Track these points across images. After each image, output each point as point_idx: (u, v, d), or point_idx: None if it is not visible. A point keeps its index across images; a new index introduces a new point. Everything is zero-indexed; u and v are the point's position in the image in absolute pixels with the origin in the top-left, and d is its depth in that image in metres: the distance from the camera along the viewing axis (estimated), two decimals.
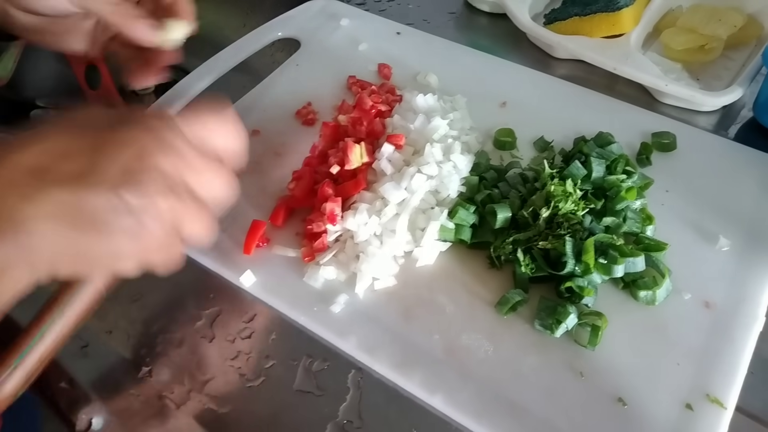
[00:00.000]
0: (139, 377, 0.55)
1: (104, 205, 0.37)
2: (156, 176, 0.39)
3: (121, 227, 0.38)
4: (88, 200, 0.37)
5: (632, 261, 0.56)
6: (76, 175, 0.37)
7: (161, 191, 0.39)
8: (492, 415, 0.51)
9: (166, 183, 0.40)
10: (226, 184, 0.44)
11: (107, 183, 0.38)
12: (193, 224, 0.42)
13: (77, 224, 0.37)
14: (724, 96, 0.72)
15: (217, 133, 0.45)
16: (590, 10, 0.78)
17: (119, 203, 0.38)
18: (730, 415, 0.50)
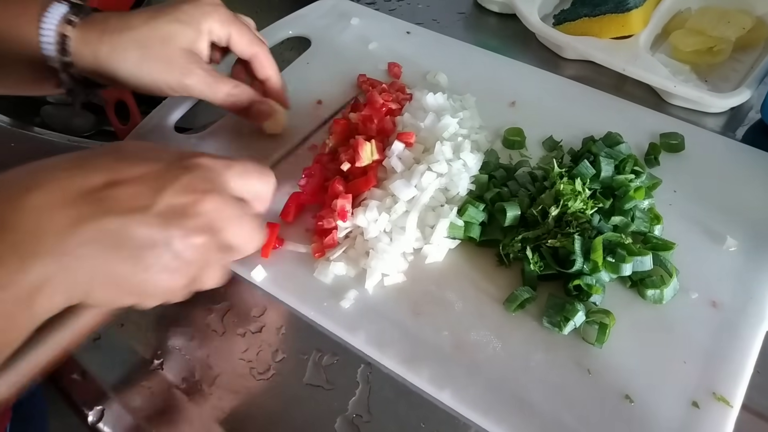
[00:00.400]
0: (151, 369, 0.56)
1: (148, 237, 0.39)
2: (203, 220, 0.41)
3: (159, 262, 0.40)
4: (135, 230, 0.39)
5: (640, 260, 0.56)
6: (127, 206, 0.39)
7: (203, 234, 0.41)
8: (500, 410, 0.51)
9: (209, 226, 0.42)
10: (256, 235, 0.46)
11: (157, 219, 0.39)
12: (217, 269, 0.45)
13: (119, 254, 0.38)
14: (733, 98, 0.73)
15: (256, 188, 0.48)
16: (600, 11, 0.79)
17: (163, 240, 0.40)
18: (737, 413, 0.50)
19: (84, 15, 0.59)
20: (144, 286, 0.40)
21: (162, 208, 0.40)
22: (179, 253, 0.41)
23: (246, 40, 0.64)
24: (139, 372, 0.56)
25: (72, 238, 0.37)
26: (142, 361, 0.57)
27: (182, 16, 0.60)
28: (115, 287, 0.39)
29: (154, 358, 0.57)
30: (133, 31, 0.59)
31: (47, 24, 0.57)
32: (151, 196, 0.40)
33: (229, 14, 0.63)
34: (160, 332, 0.58)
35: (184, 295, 0.44)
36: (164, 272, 0.40)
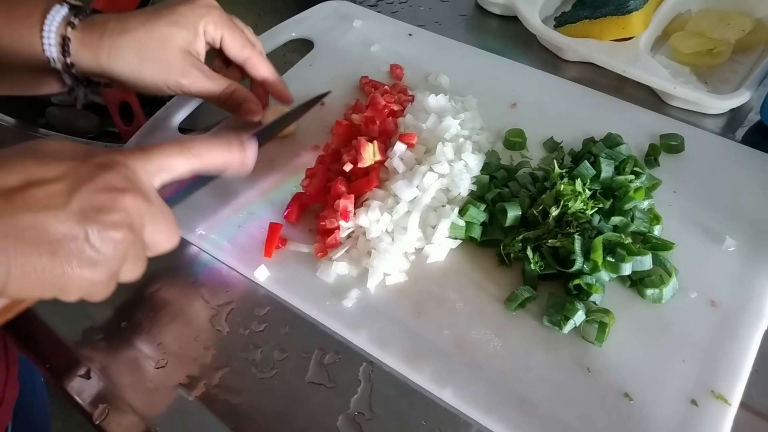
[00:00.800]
0: (155, 368, 0.57)
1: (67, 232, 0.40)
2: (121, 216, 0.42)
3: (79, 255, 0.40)
4: (53, 226, 0.39)
5: (639, 260, 0.57)
6: (45, 203, 0.40)
7: (121, 228, 0.42)
8: (500, 408, 0.52)
9: (128, 222, 0.43)
10: (174, 232, 0.48)
11: (76, 215, 0.40)
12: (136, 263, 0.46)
13: (38, 247, 0.39)
14: (732, 99, 0.73)
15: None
16: (600, 13, 0.79)
17: (81, 233, 0.40)
18: (735, 411, 0.50)
19: (83, 16, 0.60)
20: (64, 279, 0.40)
21: (79, 204, 0.41)
22: (98, 246, 0.41)
23: (238, 44, 0.65)
24: (144, 371, 0.57)
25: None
26: (146, 359, 0.57)
27: (179, 19, 0.61)
28: (33, 281, 0.40)
29: (158, 357, 0.57)
30: (131, 34, 0.60)
31: (49, 27, 0.59)
32: (68, 194, 0.40)
33: (224, 16, 0.64)
34: (164, 332, 0.59)
35: (106, 291, 0.44)
36: (84, 266, 0.41)
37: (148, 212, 0.45)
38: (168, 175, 0.47)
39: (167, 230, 0.47)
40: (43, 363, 0.59)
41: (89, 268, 0.41)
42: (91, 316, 0.60)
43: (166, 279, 0.63)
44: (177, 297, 0.61)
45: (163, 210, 0.46)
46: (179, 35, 0.61)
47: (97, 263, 0.42)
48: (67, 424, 1.68)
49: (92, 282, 0.42)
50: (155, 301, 0.61)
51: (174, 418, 0.54)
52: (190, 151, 0.48)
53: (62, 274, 0.40)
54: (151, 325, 0.59)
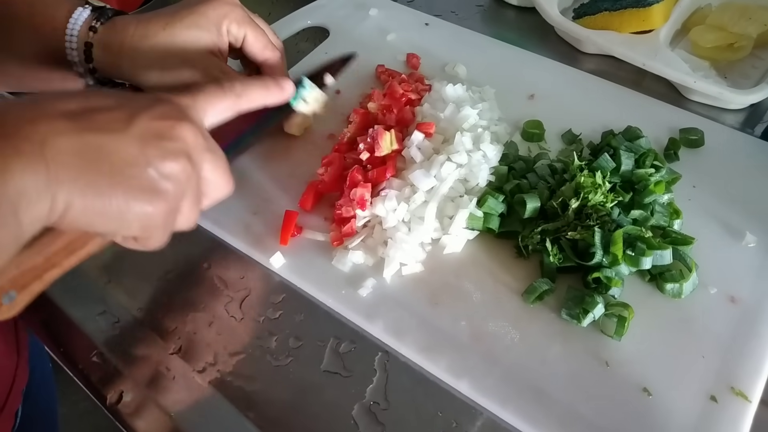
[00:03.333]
0: (170, 354, 0.56)
1: (128, 156, 0.40)
2: (181, 144, 0.42)
3: (139, 181, 0.40)
4: (115, 148, 0.39)
5: (660, 254, 0.56)
6: (108, 126, 0.40)
7: (181, 158, 0.42)
8: (517, 401, 0.51)
9: (186, 151, 0.42)
10: (228, 176, 0.47)
11: (136, 139, 0.40)
12: (193, 204, 0.45)
13: (99, 168, 0.39)
14: (752, 94, 0.72)
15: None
16: (620, 5, 0.78)
17: (143, 159, 0.40)
18: (755, 408, 0.50)
19: (105, 20, 0.59)
20: (123, 207, 0.40)
21: (139, 129, 0.41)
22: (158, 173, 0.41)
23: (260, 44, 0.63)
24: (158, 355, 0.56)
25: (51, 147, 0.37)
26: (161, 344, 0.57)
27: (200, 20, 0.59)
28: (94, 203, 0.39)
29: (173, 342, 0.57)
30: (152, 40, 0.58)
31: (71, 32, 0.58)
32: (128, 119, 0.41)
33: (245, 15, 0.62)
34: (179, 317, 0.59)
35: (163, 233, 0.43)
36: (143, 192, 0.40)
37: (205, 146, 0.44)
38: (214, 116, 0.48)
39: (224, 171, 0.46)
40: (57, 347, 0.58)
41: (149, 197, 0.40)
42: (106, 301, 0.60)
43: (180, 265, 0.62)
44: (191, 283, 0.61)
45: (218, 148, 0.46)
46: (201, 38, 0.59)
47: (157, 193, 0.41)
48: (72, 410, 1.70)
49: (150, 214, 0.41)
50: (169, 287, 0.61)
51: (189, 404, 0.54)
52: (232, 90, 0.49)
53: (122, 201, 0.39)
54: (166, 311, 0.59)
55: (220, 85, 0.49)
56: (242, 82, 0.50)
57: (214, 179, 0.46)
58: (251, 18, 0.62)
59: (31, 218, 0.37)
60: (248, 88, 0.50)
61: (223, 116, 0.49)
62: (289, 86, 0.55)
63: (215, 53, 0.61)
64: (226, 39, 0.61)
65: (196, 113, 0.46)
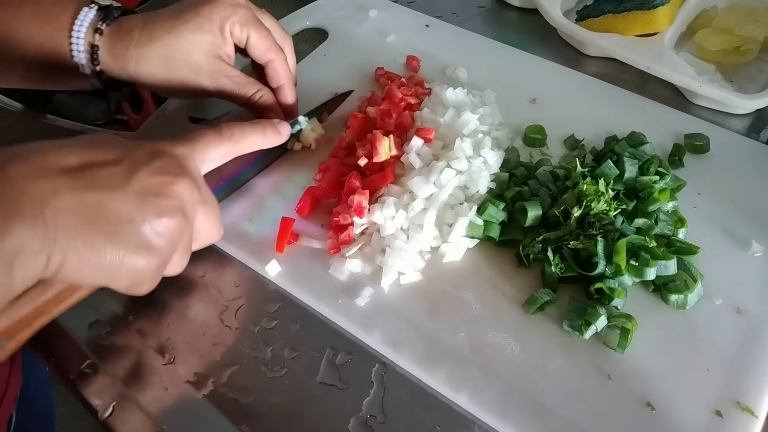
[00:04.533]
0: (163, 365, 0.55)
1: (125, 213, 0.41)
2: (176, 202, 0.44)
3: (134, 239, 0.41)
4: (113, 206, 0.41)
5: (664, 264, 0.55)
6: (106, 183, 0.41)
7: (176, 215, 0.44)
8: (517, 415, 0.50)
9: (182, 208, 0.44)
10: (220, 223, 0.50)
11: (134, 196, 0.42)
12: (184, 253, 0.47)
13: (97, 226, 0.40)
14: (760, 99, 0.71)
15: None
16: (625, 7, 0.77)
17: (139, 216, 0.41)
18: (762, 424, 0.49)
19: (111, 20, 0.58)
20: (116, 262, 0.41)
21: (137, 187, 0.42)
22: (153, 231, 0.42)
23: (263, 46, 0.62)
24: (151, 367, 0.55)
25: (50, 206, 0.38)
26: (154, 355, 0.56)
27: (203, 23, 0.59)
28: (88, 262, 0.40)
29: (166, 352, 0.56)
30: (158, 43, 0.58)
31: (77, 34, 0.58)
32: (126, 177, 0.42)
33: (250, 16, 0.61)
34: (173, 327, 0.57)
35: (153, 282, 0.45)
36: (137, 249, 0.41)
37: (200, 199, 0.46)
38: (211, 163, 0.50)
39: (216, 219, 0.49)
40: (48, 356, 0.57)
41: (142, 253, 0.41)
42: (98, 310, 0.59)
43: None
44: (185, 292, 0.60)
45: (211, 198, 0.48)
46: (205, 41, 0.59)
47: (151, 249, 0.42)
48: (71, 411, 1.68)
49: (142, 269, 0.42)
50: (163, 295, 0.60)
51: (181, 416, 0.52)
52: (230, 137, 0.51)
53: (116, 257, 0.40)
54: (159, 321, 0.58)
55: (218, 132, 0.50)
56: (240, 128, 0.52)
57: (205, 229, 0.48)
58: (256, 18, 0.61)
59: (25, 275, 0.38)
60: (245, 133, 0.52)
61: (220, 162, 0.51)
62: (285, 130, 0.58)
63: (220, 56, 0.60)
64: (230, 41, 0.61)
65: (194, 163, 0.48)
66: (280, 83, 0.65)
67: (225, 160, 0.51)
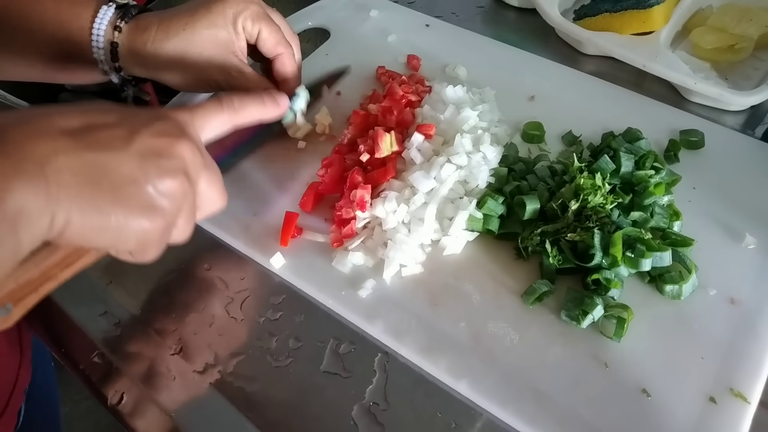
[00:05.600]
0: (171, 354, 0.57)
1: (128, 174, 0.41)
2: (178, 162, 0.43)
3: (138, 199, 0.41)
4: (115, 167, 0.40)
5: (659, 255, 0.56)
6: (107, 143, 0.41)
7: (179, 175, 0.43)
8: (516, 402, 0.52)
9: (184, 169, 0.44)
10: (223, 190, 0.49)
11: (136, 157, 0.41)
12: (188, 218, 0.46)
13: (99, 186, 0.39)
14: (753, 96, 0.72)
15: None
16: (621, 6, 0.79)
17: (142, 177, 0.41)
18: (754, 409, 0.50)
19: (129, 18, 0.60)
20: (121, 223, 0.41)
21: (139, 147, 0.42)
22: (156, 191, 0.42)
23: (273, 40, 0.64)
24: (159, 356, 0.57)
25: (52, 166, 0.38)
26: (162, 345, 0.57)
27: (216, 19, 0.60)
28: (93, 223, 0.40)
29: (174, 343, 0.57)
30: (173, 40, 0.60)
31: (97, 32, 0.60)
32: (128, 138, 0.42)
33: (260, 12, 0.63)
34: (179, 318, 0.59)
35: (158, 247, 0.44)
36: (141, 210, 0.41)
37: (202, 163, 0.45)
38: (211, 131, 0.50)
39: (219, 186, 0.48)
40: (58, 347, 0.59)
41: (146, 213, 0.41)
42: (107, 302, 0.60)
43: (180, 266, 0.63)
44: (192, 284, 0.61)
45: (213, 164, 0.47)
46: (219, 36, 0.61)
47: (155, 210, 0.42)
48: (74, 410, 1.71)
49: (147, 231, 0.42)
50: (170, 287, 0.61)
51: (189, 404, 0.54)
52: (230, 105, 0.51)
53: (121, 218, 0.40)
54: (166, 312, 0.59)
55: (218, 101, 0.50)
56: (239, 98, 0.52)
57: (209, 194, 0.47)
58: (267, 14, 0.63)
59: (30, 235, 0.37)
60: (245, 103, 0.52)
61: (220, 131, 0.51)
62: (284, 101, 0.57)
63: (234, 51, 0.62)
64: (243, 36, 0.62)
65: (194, 129, 0.47)
66: (287, 76, 0.66)
67: (224, 129, 0.51)
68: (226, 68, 0.61)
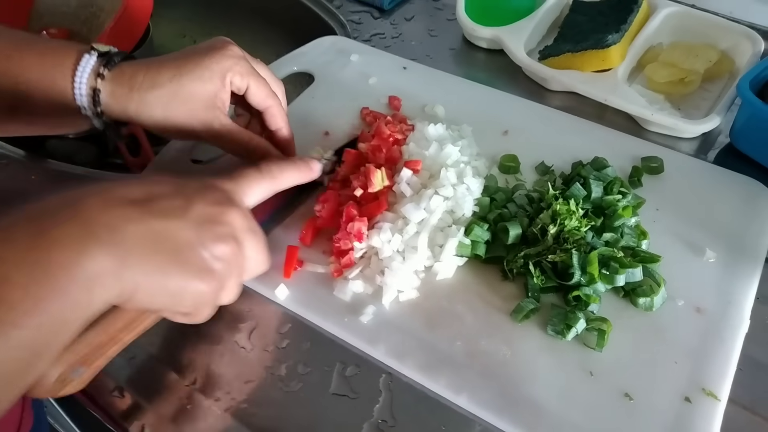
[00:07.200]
0: (186, 386, 0.60)
1: (186, 240, 0.45)
2: (229, 229, 0.48)
3: (195, 262, 0.45)
4: (175, 233, 0.44)
5: (631, 272, 0.62)
6: (169, 212, 0.45)
7: (230, 240, 0.48)
8: (512, 411, 0.56)
9: (234, 235, 0.48)
10: (267, 253, 0.53)
11: (193, 224, 0.46)
12: (237, 280, 0.50)
13: (163, 251, 0.43)
14: (704, 124, 0.80)
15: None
16: (581, 47, 0.86)
17: (198, 242, 0.45)
18: (724, 406, 0.56)
19: (112, 66, 0.62)
20: (181, 284, 0.44)
21: (195, 216, 0.46)
22: (211, 255, 0.46)
23: (262, 94, 0.66)
24: (176, 388, 0.60)
25: (122, 233, 0.42)
26: (177, 378, 0.60)
27: (204, 73, 0.62)
28: (159, 283, 0.43)
29: (188, 375, 0.60)
30: (159, 90, 0.61)
31: (80, 79, 0.61)
32: (185, 206, 0.46)
33: (249, 67, 0.65)
34: (192, 351, 0.62)
35: (211, 309, 0.49)
36: (198, 272, 0.45)
37: (249, 228, 0.49)
38: (255, 197, 0.54)
39: (263, 249, 0.52)
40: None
41: (202, 275, 0.45)
42: None
43: None
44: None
45: (258, 229, 0.51)
46: (204, 90, 0.62)
47: (210, 272, 0.46)
48: None
49: (203, 292, 0.46)
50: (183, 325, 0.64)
51: (207, 430, 0.57)
52: (269, 173, 0.55)
53: (181, 280, 0.44)
54: (179, 346, 0.63)
55: (259, 170, 0.55)
56: (277, 165, 0.57)
57: (254, 257, 0.51)
58: (254, 69, 0.66)
59: (102, 298, 0.41)
60: (283, 170, 0.57)
61: (262, 197, 0.55)
62: (316, 166, 0.62)
63: (216, 104, 0.64)
64: (228, 90, 0.64)
65: (240, 197, 0.52)
66: (278, 126, 0.70)
67: (266, 195, 0.55)
68: (209, 120, 0.63)
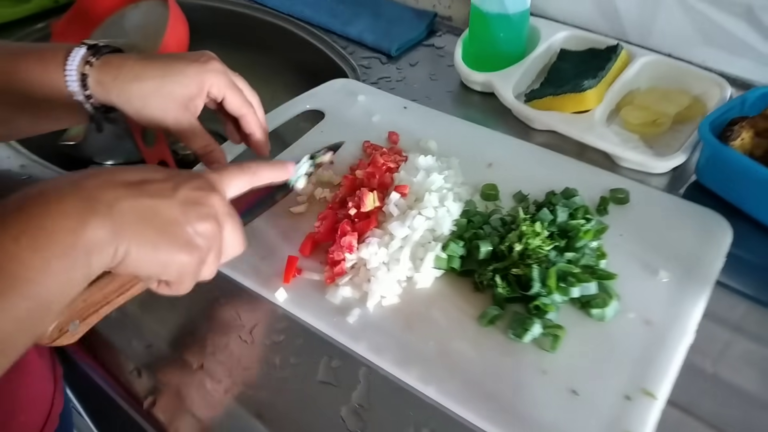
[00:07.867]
0: (194, 370, 0.69)
1: (173, 217, 0.53)
2: (211, 210, 0.56)
3: (180, 237, 0.53)
4: (163, 211, 0.53)
5: (586, 285, 0.70)
6: (158, 193, 0.54)
7: (211, 220, 0.56)
8: (474, 402, 0.64)
9: (215, 215, 0.57)
10: (243, 238, 0.60)
11: (179, 204, 0.54)
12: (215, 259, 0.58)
13: (152, 225, 0.52)
14: (670, 160, 0.88)
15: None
16: (562, 90, 0.96)
17: (184, 219, 0.54)
18: (661, 405, 0.62)
19: (100, 56, 0.70)
20: (167, 257, 0.52)
21: (181, 197, 0.54)
22: (194, 232, 0.54)
23: (238, 102, 0.75)
24: (185, 372, 0.69)
25: (117, 208, 0.49)
26: (187, 364, 0.70)
27: (184, 80, 0.69)
28: (147, 252, 0.51)
29: (196, 361, 0.70)
30: (140, 83, 0.69)
31: (70, 66, 0.69)
32: (174, 189, 0.54)
33: (227, 80, 0.72)
34: (201, 343, 0.72)
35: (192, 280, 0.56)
36: (182, 245, 0.53)
37: (228, 212, 0.58)
38: (234, 190, 0.62)
39: (240, 233, 0.60)
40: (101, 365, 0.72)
41: (186, 248, 0.53)
42: (141, 329, 0.74)
43: (202, 301, 0.76)
44: (211, 315, 0.75)
45: (236, 215, 0.60)
46: (181, 94, 0.70)
47: (193, 247, 0.54)
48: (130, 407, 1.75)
49: (186, 264, 0.53)
50: (193, 317, 0.74)
51: (209, 407, 0.66)
52: (249, 169, 0.63)
53: (167, 252, 0.52)
54: (190, 337, 0.72)
55: (240, 166, 0.63)
56: (257, 164, 0.65)
57: (231, 239, 0.59)
58: (232, 82, 0.74)
59: (99, 263, 0.49)
60: (261, 168, 0.65)
61: (241, 190, 0.63)
62: (290, 166, 0.71)
63: (188, 108, 0.72)
64: (204, 98, 0.73)
65: (222, 186, 0.60)
66: (252, 131, 0.79)
67: (244, 189, 0.62)
68: (179, 119, 0.71)
